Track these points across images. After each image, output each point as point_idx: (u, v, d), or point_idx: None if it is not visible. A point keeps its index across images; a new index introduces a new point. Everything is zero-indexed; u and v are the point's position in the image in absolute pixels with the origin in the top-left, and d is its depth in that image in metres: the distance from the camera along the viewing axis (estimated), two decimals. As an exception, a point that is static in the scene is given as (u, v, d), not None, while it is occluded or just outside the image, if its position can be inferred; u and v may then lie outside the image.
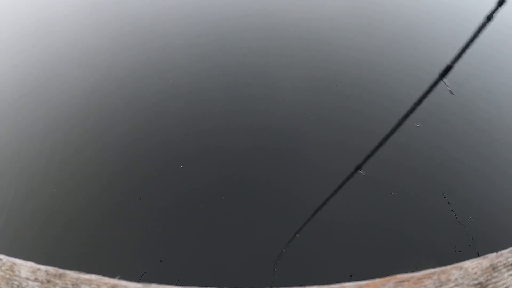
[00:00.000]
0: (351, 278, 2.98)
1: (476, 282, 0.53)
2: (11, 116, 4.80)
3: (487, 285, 0.52)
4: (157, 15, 6.91)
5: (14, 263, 0.56)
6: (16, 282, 0.54)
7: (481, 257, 0.56)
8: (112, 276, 0.54)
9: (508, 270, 0.54)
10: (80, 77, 5.39)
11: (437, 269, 0.54)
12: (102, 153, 4.18)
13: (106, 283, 0.53)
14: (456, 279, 0.53)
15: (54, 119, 4.68)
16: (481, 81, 5.28)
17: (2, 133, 4.57)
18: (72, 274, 0.54)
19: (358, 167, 1.06)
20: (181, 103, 4.80)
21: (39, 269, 0.55)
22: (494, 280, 0.53)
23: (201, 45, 5.90)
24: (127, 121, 4.57)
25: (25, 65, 5.76)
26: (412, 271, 0.54)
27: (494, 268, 0.54)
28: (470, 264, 0.54)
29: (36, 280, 0.54)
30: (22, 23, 6.93)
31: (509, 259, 0.55)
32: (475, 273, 0.53)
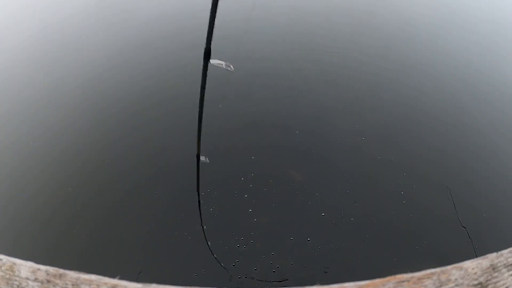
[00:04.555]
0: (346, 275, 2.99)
1: (476, 282, 0.53)
2: (13, 116, 4.80)
3: (487, 285, 0.53)
4: (169, 12, 6.91)
5: (14, 263, 0.56)
6: (16, 282, 0.54)
7: (481, 257, 0.56)
8: (112, 276, 0.54)
9: (508, 270, 0.54)
10: (85, 75, 5.39)
11: (437, 269, 0.54)
12: (103, 153, 4.18)
13: (106, 283, 0.53)
14: (456, 279, 0.53)
15: (57, 119, 4.68)
16: (485, 82, 5.28)
17: (3, 133, 4.58)
18: (72, 274, 0.54)
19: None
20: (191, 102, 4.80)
21: (39, 269, 0.55)
22: (494, 280, 0.53)
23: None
24: (131, 121, 4.57)
25: (32, 63, 5.77)
26: (412, 271, 0.54)
27: (494, 268, 0.54)
28: (470, 264, 0.55)
29: (36, 280, 0.54)
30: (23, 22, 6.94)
31: (509, 259, 0.55)
32: (475, 273, 0.54)
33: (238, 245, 3.27)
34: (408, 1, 7.72)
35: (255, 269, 3.10)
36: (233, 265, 3.13)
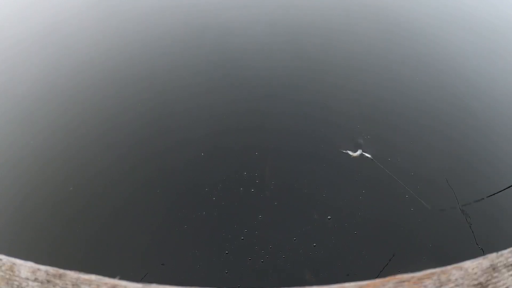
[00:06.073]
0: (348, 276, 2.99)
1: (476, 282, 0.53)
2: (13, 114, 4.80)
3: (487, 285, 0.53)
4: (170, 12, 6.91)
5: (14, 263, 0.56)
6: (16, 282, 0.54)
7: (481, 257, 0.56)
8: (112, 276, 0.54)
9: (508, 270, 0.54)
10: (86, 74, 5.39)
11: (437, 269, 0.54)
12: (104, 154, 4.18)
13: (106, 283, 0.53)
14: (456, 279, 0.53)
15: (57, 117, 4.68)
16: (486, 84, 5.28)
17: (2, 132, 4.58)
18: (72, 274, 0.54)
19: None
20: (190, 104, 4.80)
21: (39, 269, 0.55)
22: (494, 280, 0.53)
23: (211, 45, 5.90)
24: (132, 121, 4.56)
25: (33, 60, 5.77)
26: (412, 271, 0.54)
27: (494, 268, 0.54)
28: (470, 264, 0.55)
29: (36, 280, 0.54)
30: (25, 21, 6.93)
31: (509, 259, 0.55)
32: (475, 273, 0.54)
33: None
34: (409, 1, 7.73)
35: (250, 259, 3.12)
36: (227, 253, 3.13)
